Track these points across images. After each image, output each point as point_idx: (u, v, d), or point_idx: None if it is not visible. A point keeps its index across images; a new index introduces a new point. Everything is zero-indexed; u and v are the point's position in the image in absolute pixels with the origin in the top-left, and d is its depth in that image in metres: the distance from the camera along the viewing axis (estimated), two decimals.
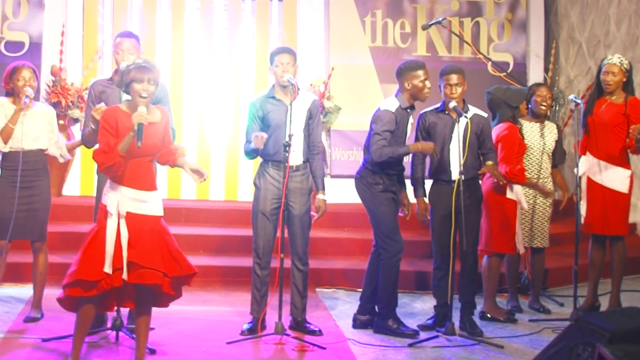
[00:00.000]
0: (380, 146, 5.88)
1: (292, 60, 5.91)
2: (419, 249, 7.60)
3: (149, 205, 4.85)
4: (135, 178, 4.82)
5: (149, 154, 4.86)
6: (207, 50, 9.71)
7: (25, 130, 5.87)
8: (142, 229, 4.80)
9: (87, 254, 4.78)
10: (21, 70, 5.94)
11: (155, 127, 4.89)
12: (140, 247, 4.75)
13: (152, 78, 4.82)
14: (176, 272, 4.84)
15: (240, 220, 8.22)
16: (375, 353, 5.59)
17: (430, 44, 9.80)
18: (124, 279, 4.73)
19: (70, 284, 4.76)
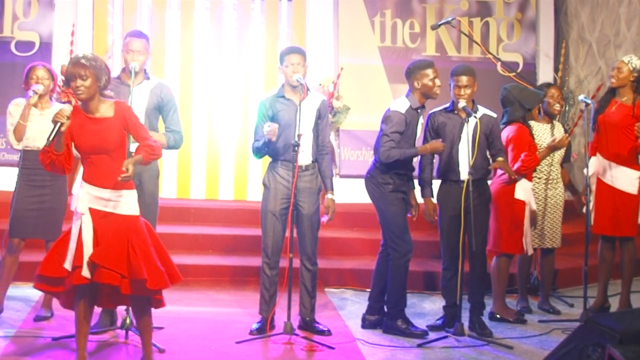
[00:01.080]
0: (388, 147, 5.88)
1: (302, 60, 5.91)
2: (428, 249, 7.59)
3: (114, 203, 4.79)
4: (96, 176, 4.79)
5: (98, 150, 4.78)
6: (216, 49, 9.72)
7: (40, 129, 5.89)
8: (108, 227, 4.76)
9: (53, 251, 4.83)
10: (35, 69, 5.98)
11: (106, 123, 4.82)
12: (103, 246, 4.71)
13: (85, 73, 4.75)
14: (132, 275, 4.72)
15: (249, 219, 8.22)
16: (384, 353, 5.59)
17: (440, 44, 9.79)
18: (85, 277, 4.69)
19: (36, 278, 4.83)
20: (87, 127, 4.77)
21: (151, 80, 5.84)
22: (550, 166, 6.69)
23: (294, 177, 5.74)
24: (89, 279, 4.69)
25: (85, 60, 4.78)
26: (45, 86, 5.94)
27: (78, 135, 4.77)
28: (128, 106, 5.01)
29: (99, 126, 4.79)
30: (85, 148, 4.77)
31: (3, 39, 9.20)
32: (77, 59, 4.81)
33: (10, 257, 5.97)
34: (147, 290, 4.77)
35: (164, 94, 5.81)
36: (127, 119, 4.87)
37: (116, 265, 4.68)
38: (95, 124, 4.79)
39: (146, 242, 4.82)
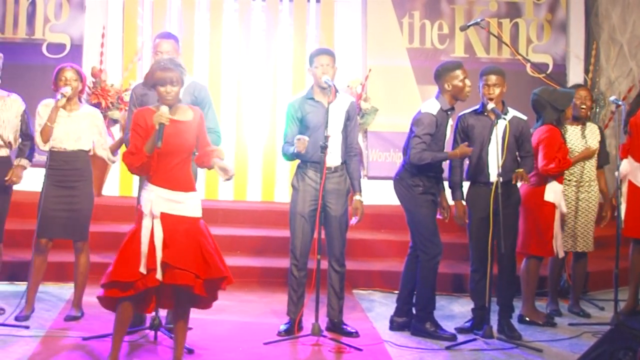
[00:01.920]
0: (420, 150, 5.86)
1: (331, 61, 5.91)
2: (457, 251, 7.56)
3: (184, 206, 4.86)
4: (168, 178, 4.85)
5: (178, 153, 4.86)
6: (244, 51, 9.75)
7: (67, 130, 5.95)
8: (176, 229, 4.81)
9: (123, 254, 4.82)
10: (63, 71, 6.03)
11: (185, 126, 4.90)
12: (174, 248, 4.76)
13: (174, 79, 4.83)
14: (209, 275, 4.82)
15: (278, 221, 8.24)
16: (412, 355, 5.57)
17: (469, 45, 9.75)
18: (158, 279, 4.76)
19: (107, 285, 4.81)
20: (169, 128, 4.80)
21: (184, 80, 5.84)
22: (583, 169, 6.63)
23: (322, 178, 5.74)
24: (160, 281, 4.75)
25: (173, 65, 4.86)
26: (74, 88, 5.98)
27: None
28: (202, 112, 5.08)
29: (179, 128, 4.86)
30: (165, 150, 4.79)
31: (35, 41, 9.30)
32: (167, 64, 4.86)
33: (38, 257, 6.02)
34: (216, 290, 4.92)
35: (198, 93, 5.82)
36: (201, 124, 4.98)
37: (191, 265, 4.75)
38: (175, 126, 4.84)
39: (210, 242, 4.91)
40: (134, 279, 4.76)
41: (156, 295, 4.99)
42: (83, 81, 6.12)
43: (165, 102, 4.84)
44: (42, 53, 9.29)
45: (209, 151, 5.00)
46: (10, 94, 6.13)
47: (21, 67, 9.02)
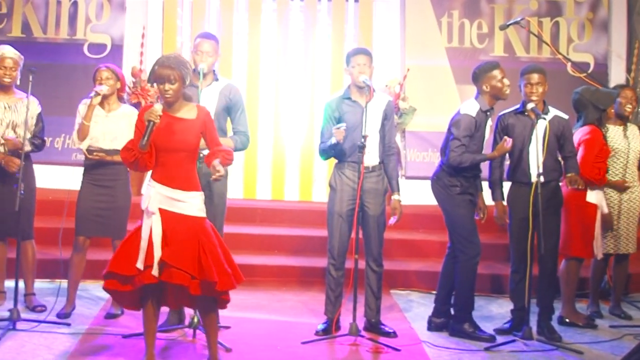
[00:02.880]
0: (460, 152, 5.82)
1: (368, 61, 5.90)
2: (496, 252, 7.51)
3: (185, 205, 4.85)
4: (168, 176, 4.85)
5: (178, 150, 4.85)
6: (283, 51, 9.77)
7: (104, 130, 6.00)
8: (176, 228, 4.81)
9: (124, 248, 4.87)
10: (100, 71, 6.09)
11: (187, 124, 4.89)
12: (174, 246, 4.76)
13: (172, 77, 4.82)
14: (203, 276, 4.78)
15: (315, 220, 8.25)
16: (450, 356, 5.54)
17: (508, 44, 9.67)
18: (155, 276, 4.75)
19: (106, 275, 4.88)
20: (169, 126, 4.84)
21: (220, 82, 5.88)
22: (625, 171, 6.55)
23: (360, 178, 5.73)
24: (158, 278, 4.76)
25: (173, 63, 4.85)
26: (110, 86, 6.03)
27: (159, 133, 4.82)
28: (208, 111, 5.07)
29: (180, 126, 4.87)
30: (163, 146, 4.83)
31: (76, 41, 9.41)
32: (165, 61, 4.87)
33: (77, 255, 6.09)
34: (215, 292, 4.82)
35: (232, 95, 5.84)
36: (206, 123, 4.96)
37: (187, 265, 4.73)
38: (176, 124, 4.86)
39: (213, 243, 4.87)
40: (131, 274, 4.79)
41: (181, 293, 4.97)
42: (121, 80, 6.17)
43: (164, 100, 4.87)
44: (83, 53, 9.38)
45: (216, 151, 4.97)
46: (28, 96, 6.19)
47: (63, 67, 9.13)
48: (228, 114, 5.87)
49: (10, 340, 5.37)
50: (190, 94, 5.14)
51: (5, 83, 6.09)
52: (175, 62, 4.86)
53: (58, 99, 6.98)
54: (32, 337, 5.48)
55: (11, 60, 6.10)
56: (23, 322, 5.65)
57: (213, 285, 4.77)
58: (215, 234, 4.97)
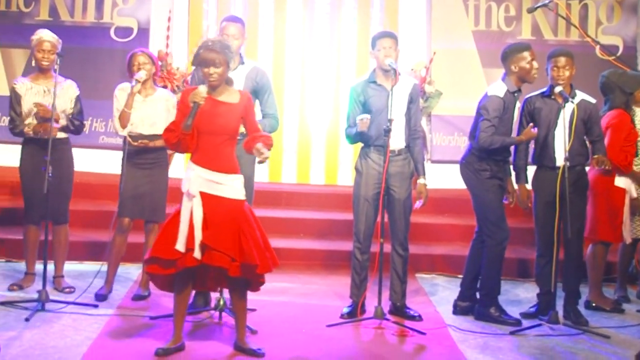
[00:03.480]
0: (490, 133, 5.79)
1: (394, 44, 5.88)
2: (522, 236, 7.47)
3: (225, 187, 4.88)
4: (209, 158, 4.88)
5: (220, 133, 4.88)
6: (308, 34, 9.74)
7: (142, 116, 6.04)
8: (217, 210, 4.84)
9: (165, 232, 4.91)
10: (135, 56, 6.12)
11: (229, 108, 4.92)
12: (214, 229, 4.80)
13: (218, 60, 4.85)
14: (243, 259, 4.83)
15: (341, 204, 8.25)
16: (476, 340, 5.54)
17: (536, 27, 9.57)
18: (196, 259, 4.79)
19: (148, 260, 4.92)
20: (212, 108, 4.87)
21: (246, 65, 5.88)
22: None
23: (385, 162, 5.72)
24: (199, 261, 4.79)
25: (218, 47, 4.87)
26: (147, 71, 6.06)
27: (201, 115, 4.85)
28: (250, 96, 5.11)
29: (223, 109, 4.90)
30: (205, 129, 4.85)
31: (103, 25, 9.43)
32: (210, 45, 4.88)
33: (119, 236, 6.15)
34: (254, 274, 4.89)
35: (259, 78, 5.85)
36: (248, 108, 5.00)
37: (227, 248, 4.78)
38: (219, 107, 4.89)
39: (253, 226, 4.92)
40: (173, 257, 4.82)
41: (215, 276, 5.04)
42: (156, 64, 6.20)
43: (209, 83, 4.88)
44: (110, 37, 9.41)
45: (256, 136, 5.00)
46: (66, 80, 6.24)
47: (90, 50, 9.17)
48: (256, 97, 5.87)
49: (39, 321, 5.43)
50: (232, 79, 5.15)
51: (44, 66, 6.14)
52: (220, 46, 4.89)
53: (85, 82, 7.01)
54: (60, 318, 5.55)
55: (49, 43, 6.15)
56: (52, 303, 5.72)
57: (253, 268, 4.83)
58: (254, 216, 5.01)
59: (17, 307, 5.69)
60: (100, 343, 5.10)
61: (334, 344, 5.33)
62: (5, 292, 6.14)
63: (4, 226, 7.56)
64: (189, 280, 4.96)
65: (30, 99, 6.13)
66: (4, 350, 4.64)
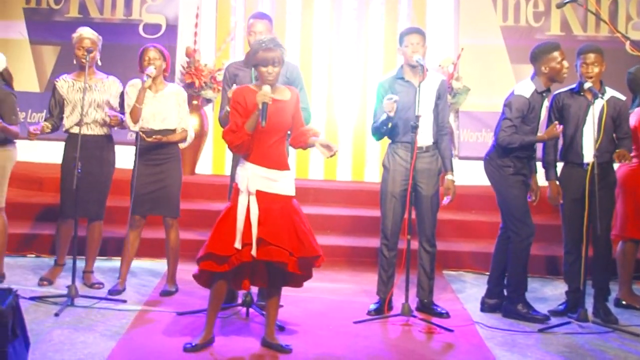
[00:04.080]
0: (509, 133, 5.77)
1: (421, 40, 5.86)
2: (550, 233, 7.40)
3: (279, 184, 4.92)
4: (264, 156, 4.90)
5: (276, 131, 4.91)
6: (335, 31, 9.74)
7: (154, 111, 6.06)
8: (272, 207, 4.87)
9: (219, 230, 4.91)
10: (147, 51, 6.14)
11: (283, 105, 4.95)
12: (270, 225, 4.83)
13: (276, 59, 4.87)
14: (302, 253, 4.88)
15: (368, 200, 8.24)
16: (504, 337, 5.51)
17: (565, 22, 9.50)
18: (253, 255, 4.82)
19: (203, 258, 4.91)
20: (269, 107, 4.84)
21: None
22: None
23: (413, 158, 5.70)
24: (254, 257, 4.82)
25: (276, 45, 4.89)
26: (157, 67, 6.08)
27: None
28: (298, 92, 5.12)
29: (278, 107, 4.91)
30: (261, 129, 4.83)
31: (131, 21, 9.50)
32: (269, 44, 4.89)
33: (132, 232, 6.19)
34: (311, 268, 4.98)
35: (290, 74, 5.84)
36: (297, 104, 5.03)
37: (285, 243, 4.81)
38: (275, 105, 4.88)
39: (304, 221, 4.97)
40: (229, 254, 4.84)
41: (250, 274, 5.06)
42: (167, 60, 6.21)
43: (267, 82, 4.88)
44: (138, 33, 9.46)
45: (304, 131, 5.03)
46: (109, 76, 6.29)
47: (119, 47, 9.22)
48: None
49: (69, 316, 5.49)
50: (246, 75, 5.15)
51: (84, 64, 6.18)
52: (277, 44, 4.91)
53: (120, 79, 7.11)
54: (89, 313, 5.60)
55: (89, 40, 6.20)
56: (81, 298, 5.77)
57: (313, 260, 4.91)
58: (301, 211, 5.04)
59: (47, 302, 5.75)
60: (129, 338, 5.14)
61: (361, 341, 5.33)
62: (35, 287, 6.21)
63: (36, 222, 7.64)
64: (227, 277, 4.97)
65: (71, 96, 6.18)
66: (34, 344, 4.69)
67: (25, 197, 8.07)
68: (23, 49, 9.47)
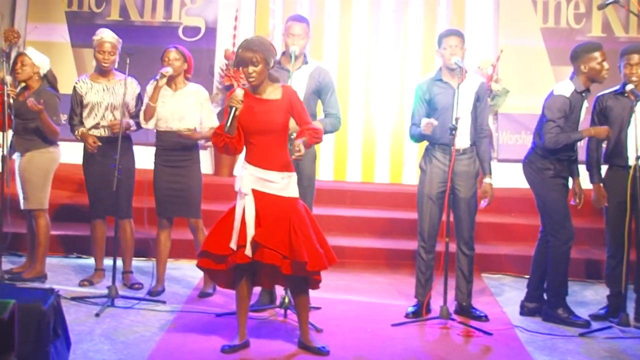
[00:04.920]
0: (555, 134, 5.71)
1: (460, 42, 5.83)
2: (591, 236, 7.35)
3: (278, 185, 4.89)
4: (260, 157, 4.89)
5: (268, 131, 4.88)
6: (374, 33, 9.73)
7: (172, 110, 6.10)
8: (269, 208, 4.85)
9: (217, 229, 4.94)
10: (168, 52, 6.18)
11: (273, 105, 4.91)
12: (265, 227, 4.81)
13: (255, 59, 4.83)
14: (293, 256, 4.82)
15: (405, 203, 8.22)
16: (544, 341, 5.45)
17: (606, 24, 9.40)
18: (248, 256, 4.82)
19: (200, 254, 4.98)
20: (255, 108, 4.89)
21: (310, 64, 5.89)
22: None
23: (451, 160, 5.68)
24: (251, 258, 4.83)
25: (255, 45, 4.87)
26: (176, 67, 6.11)
27: (246, 115, 4.88)
28: (294, 90, 5.08)
29: (266, 107, 4.90)
30: (251, 128, 4.88)
31: (171, 24, 9.58)
32: (247, 44, 4.90)
33: (162, 233, 6.23)
34: (306, 272, 4.86)
35: (321, 78, 5.84)
36: (292, 103, 4.97)
37: (278, 246, 4.79)
38: (262, 105, 4.89)
39: (306, 224, 4.91)
40: (225, 253, 4.86)
41: (271, 273, 5.07)
42: (188, 61, 6.22)
43: (249, 83, 4.89)
44: (178, 36, 9.54)
45: (303, 129, 4.96)
46: (127, 77, 6.34)
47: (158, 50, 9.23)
48: (318, 97, 5.88)
49: (109, 317, 5.54)
50: (278, 75, 5.16)
51: (104, 68, 6.25)
52: (258, 45, 4.88)
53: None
54: (129, 314, 5.65)
55: (109, 44, 6.26)
56: (121, 299, 5.83)
57: (303, 265, 4.81)
58: (309, 214, 5.02)
59: (88, 302, 5.82)
60: (168, 339, 5.18)
61: (399, 344, 5.31)
62: (76, 287, 6.28)
63: (74, 222, 7.73)
64: (247, 278, 4.99)
65: (90, 98, 6.24)
66: (74, 344, 4.74)
67: (66, 198, 8.19)
68: (65, 52, 9.61)
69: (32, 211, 6.35)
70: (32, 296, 4.22)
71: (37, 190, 6.29)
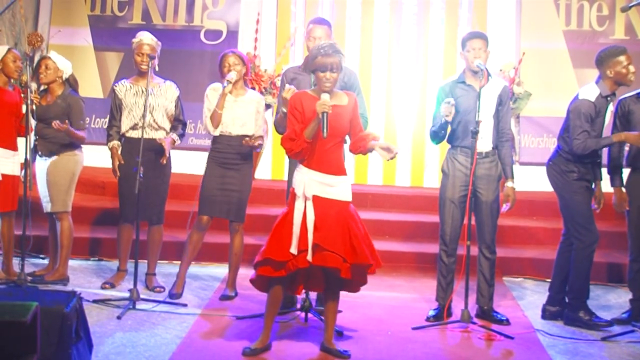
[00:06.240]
0: (583, 139, 5.67)
1: (484, 45, 5.81)
2: (614, 240, 7.30)
3: (336, 189, 4.91)
4: (321, 162, 4.90)
5: (334, 137, 4.89)
6: (396, 35, 9.72)
7: (234, 116, 6.12)
8: (328, 212, 4.86)
9: (276, 235, 4.92)
10: (226, 57, 6.19)
11: (342, 110, 4.93)
12: (325, 230, 4.82)
13: (335, 65, 4.85)
14: (355, 260, 4.85)
15: (427, 206, 8.20)
16: (565, 345, 5.43)
17: (629, 26, 9.33)
18: (308, 261, 4.83)
19: (260, 263, 4.92)
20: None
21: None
22: None
23: (472, 164, 5.66)
24: (310, 262, 4.84)
25: (335, 51, 4.87)
26: (238, 72, 6.13)
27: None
28: (356, 97, 5.11)
29: (336, 112, 4.89)
30: (320, 135, 4.83)
31: (193, 28, 9.63)
32: (328, 50, 4.87)
33: (197, 233, 6.23)
34: (364, 275, 4.95)
35: (347, 79, 5.84)
36: (355, 110, 5.01)
37: (339, 249, 4.81)
38: (333, 110, 4.85)
39: (360, 227, 4.95)
40: (285, 259, 4.85)
41: (305, 278, 5.08)
42: (247, 65, 6.25)
43: (324, 88, 4.88)
44: (200, 39, 9.59)
45: (364, 136, 4.99)
46: (166, 81, 6.37)
47: (180, 52, 9.39)
48: None
49: (130, 319, 5.57)
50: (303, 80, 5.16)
51: (143, 70, 6.28)
52: (335, 50, 4.89)
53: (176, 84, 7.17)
54: (150, 316, 5.68)
55: (148, 46, 6.30)
56: (142, 302, 5.86)
57: (365, 268, 4.88)
58: (359, 217, 5.03)
59: (110, 305, 5.85)
60: (189, 342, 5.20)
61: (420, 347, 5.30)
62: (98, 290, 6.32)
63: (98, 226, 7.79)
64: (285, 282, 4.99)
65: (129, 100, 6.29)
66: (96, 347, 4.77)
67: (88, 201, 8.24)
68: (87, 55, 9.68)
69: (56, 214, 6.40)
70: (55, 299, 4.26)
71: (62, 193, 6.35)
